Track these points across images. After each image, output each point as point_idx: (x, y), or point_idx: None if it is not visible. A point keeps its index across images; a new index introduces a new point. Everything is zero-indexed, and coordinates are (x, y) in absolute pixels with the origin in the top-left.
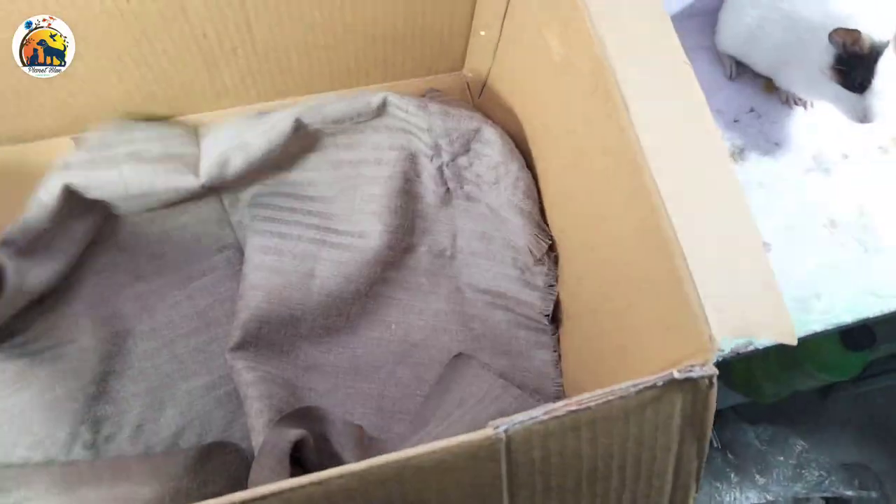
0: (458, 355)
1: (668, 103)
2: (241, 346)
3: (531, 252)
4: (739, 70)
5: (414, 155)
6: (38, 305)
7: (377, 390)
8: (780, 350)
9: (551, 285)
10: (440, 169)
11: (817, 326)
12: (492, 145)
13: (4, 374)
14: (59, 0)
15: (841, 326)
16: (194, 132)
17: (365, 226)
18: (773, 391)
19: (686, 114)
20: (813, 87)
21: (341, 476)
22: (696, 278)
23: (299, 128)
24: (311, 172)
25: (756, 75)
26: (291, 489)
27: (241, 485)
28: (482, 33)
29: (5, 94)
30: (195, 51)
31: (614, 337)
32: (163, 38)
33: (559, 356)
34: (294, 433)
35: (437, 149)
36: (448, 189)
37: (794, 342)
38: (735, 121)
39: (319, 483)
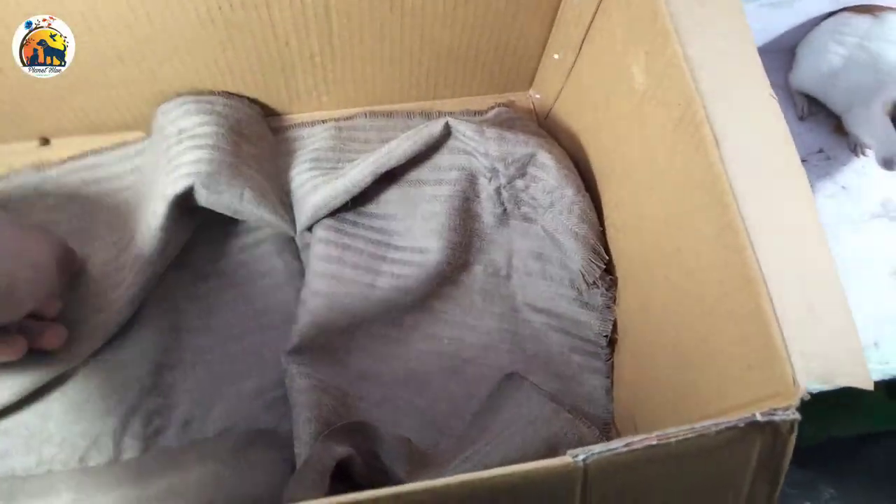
0: (510, 374)
1: (754, 138)
2: (297, 350)
3: (583, 276)
4: (811, 110)
5: (473, 175)
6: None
7: (427, 404)
8: (820, 393)
9: (609, 307)
10: (498, 190)
11: (874, 376)
12: (547, 170)
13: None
14: (154, 6)
15: (882, 389)
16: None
17: (425, 242)
18: (810, 434)
19: (772, 150)
20: (874, 128)
21: (415, 492)
22: (781, 320)
23: (376, 178)
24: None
25: (827, 116)
26: (374, 499)
27: (278, 487)
28: (556, 56)
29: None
30: (276, 57)
31: (682, 369)
32: (247, 45)
33: (611, 383)
34: (340, 450)
35: (494, 171)
36: (505, 210)
37: (871, 387)
38: (803, 160)
39: (396, 497)
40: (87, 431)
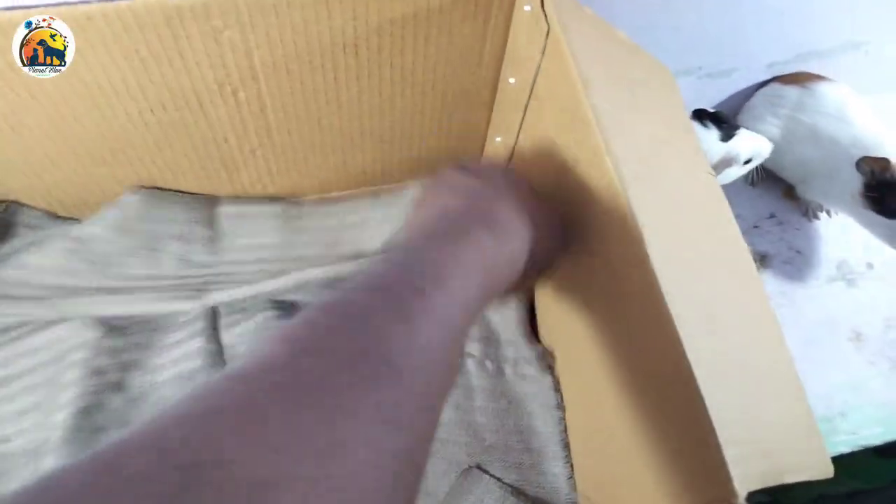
0: (469, 469)
1: (689, 219)
2: None
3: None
4: (761, 175)
5: None
6: None
7: None
8: None
9: (557, 384)
10: None
11: (844, 448)
12: None
13: None
14: (83, 109)
15: (868, 448)
16: (212, 233)
17: None
18: (801, 494)
19: (710, 229)
20: (843, 205)
21: None
22: (717, 421)
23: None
24: None
25: (776, 181)
26: None
27: None
28: (497, 139)
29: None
30: (215, 154)
31: (629, 464)
32: (185, 144)
33: (572, 468)
34: None
35: None
36: None
37: (831, 473)
38: (755, 227)
39: None
40: None
